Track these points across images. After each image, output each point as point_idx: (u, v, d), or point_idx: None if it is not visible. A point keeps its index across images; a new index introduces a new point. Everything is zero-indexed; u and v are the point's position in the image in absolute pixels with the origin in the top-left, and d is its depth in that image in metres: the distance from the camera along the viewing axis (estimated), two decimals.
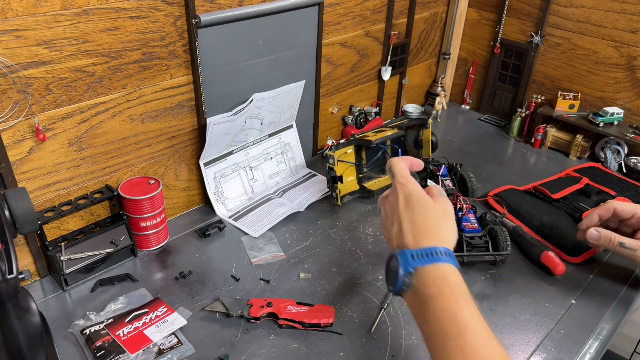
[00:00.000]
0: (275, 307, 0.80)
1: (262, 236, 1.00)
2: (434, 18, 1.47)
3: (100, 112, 0.85)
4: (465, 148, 1.37)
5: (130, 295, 0.84)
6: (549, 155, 1.35)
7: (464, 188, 1.11)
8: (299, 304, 0.81)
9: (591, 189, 1.15)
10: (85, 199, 0.88)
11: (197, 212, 1.07)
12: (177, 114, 0.96)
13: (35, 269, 0.87)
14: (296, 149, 1.21)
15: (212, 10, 0.92)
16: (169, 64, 0.91)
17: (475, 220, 0.95)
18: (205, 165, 1.04)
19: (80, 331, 0.76)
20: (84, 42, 0.79)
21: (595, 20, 1.28)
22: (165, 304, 0.82)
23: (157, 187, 0.92)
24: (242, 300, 0.83)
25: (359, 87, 1.34)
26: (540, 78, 1.43)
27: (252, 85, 1.05)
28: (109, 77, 0.84)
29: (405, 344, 0.78)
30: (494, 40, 1.46)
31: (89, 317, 0.79)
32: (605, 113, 1.28)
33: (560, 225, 1.03)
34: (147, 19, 0.84)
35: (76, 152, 0.85)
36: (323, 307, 0.81)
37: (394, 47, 1.36)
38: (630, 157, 1.28)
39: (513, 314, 0.84)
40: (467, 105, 1.60)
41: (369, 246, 0.99)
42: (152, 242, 0.95)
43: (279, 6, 1.01)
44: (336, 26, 1.18)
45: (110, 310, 0.81)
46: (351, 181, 1.14)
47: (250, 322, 0.80)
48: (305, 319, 0.78)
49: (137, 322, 0.78)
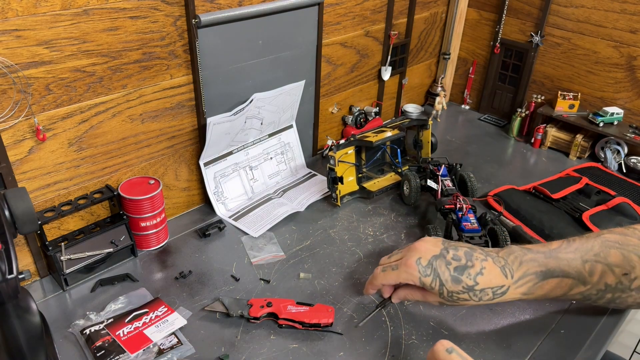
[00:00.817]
0: (275, 307, 0.80)
1: (262, 236, 1.00)
2: (434, 18, 1.47)
3: (100, 112, 0.85)
4: (465, 148, 1.37)
5: (131, 295, 0.84)
6: (549, 155, 1.35)
7: (464, 188, 1.11)
8: (299, 303, 0.81)
9: (591, 188, 1.15)
10: (85, 199, 0.88)
11: (197, 212, 1.07)
12: (177, 114, 0.96)
13: (35, 269, 0.87)
14: (296, 149, 1.21)
15: (212, 10, 0.92)
16: (169, 64, 0.91)
17: (475, 220, 0.95)
18: (205, 165, 1.04)
19: (80, 331, 0.76)
20: (84, 42, 0.79)
21: (595, 20, 1.28)
22: (165, 303, 0.82)
23: (157, 187, 0.92)
24: (242, 300, 0.82)
25: (359, 87, 1.34)
26: (540, 78, 1.43)
27: (252, 85, 1.05)
28: (109, 77, 0.84)
29: (405, 344, 0.78)
30: (494, 40, 1.46)
31: (89, 317, 0.79)
32: (605, 113, 1.28)
33: (560, 225, 1.03)
34: (147, 19, 0.84)
35: (76, 152, 0.85)
36: (323, 307, 0.81)
37: (394, 47, 1.36)
38: (630, 157, 1.28)
39: (513, 313, 0.84)
40: (467, 105, 1.60)
41: (369, 246, 0.99)
42: (152, 242, 0.95)
43: (279, 6, 1.01)
44: (336, 26, 1.18)
45: (111, 310, 0.81)
46: (351, 181, 1.14)
47: (251, 322, 0.80)
48: (305, 318, 0.78)
49: (137, 322, 0.78)
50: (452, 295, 0.73)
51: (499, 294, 0.73)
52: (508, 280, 0.73)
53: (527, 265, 0.74)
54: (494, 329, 0.81)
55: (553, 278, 0.74)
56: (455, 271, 0.72)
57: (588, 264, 0.74)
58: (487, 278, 0.72)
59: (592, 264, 0.74)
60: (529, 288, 0.74)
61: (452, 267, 0.72)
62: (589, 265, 0.74)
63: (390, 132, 1.15)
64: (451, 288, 0.72)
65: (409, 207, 1.11)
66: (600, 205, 1.09)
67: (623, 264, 0.74)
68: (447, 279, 0.72)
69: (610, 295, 0.75)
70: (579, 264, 0.74)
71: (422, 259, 0.73)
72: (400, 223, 1.06)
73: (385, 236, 1.02)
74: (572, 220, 1.06)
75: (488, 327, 0.81)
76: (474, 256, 0.74)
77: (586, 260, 0.74)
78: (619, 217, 1.06)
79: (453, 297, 0.73)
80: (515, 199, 1.12)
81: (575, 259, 0.74)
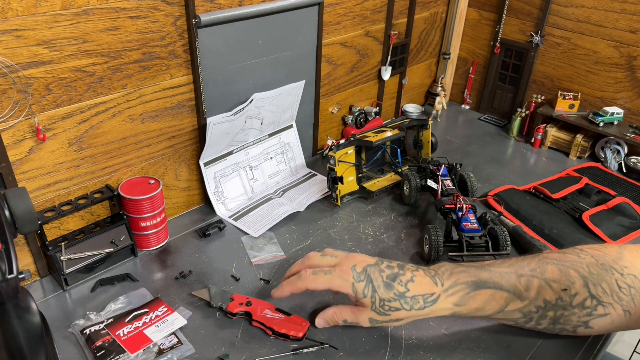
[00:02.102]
0: (253, 307, 0.80)
1: (262, 236, 1.00)
2: (434, 18, 1.47)
3: (100, 112, 0.85)
4: (465, 148, 1.37)
5: (131, 295, 0.84)
6: (549, 155, 1.35)
7: (464, 188, 1.11)
8: (278, 310, 0.80)
9: (591, 188, 1.15)
10: (86, 198, 0.88)
11: (197, 212, 1.07)
12: (177, 114, 0.96)
13: (35, 269, 0.87)
14: (296, 149, 1.21)
15: (212, 10, 0.92)
16: (169, 64, 0.91)
17: (475, 220, 0.95)
18: (205, 165, 1.04)
19: (80, 331, 0.76)
20: (84, 42, 0.79)
21: (595, 20, 1.28)
22: (166, 303, 0.82)
23: (157, 187, 0.92)
24: (228, 293, 0.83)
25: (359, 87, 1.34)
26: (540, 78, 1.43)
27: (252, 85, 1.05)
28: (109, 77, 0.84)
29: (405, 344, 0.78)
30: (494, 40, 1.46)
31: (89, 317, 0.79)
32: (605, 113, 1.28)
33: (560, 225, 1.03)
34: (147, 19, 0.84)
35: (76, 152, 0.85)
36: (299, 319, 0.79)
37: (394, 47, 1.36)
38: (630, 156, 1.28)
39: None
40: (467, 105, 1.60)
41: (369, 246, 0.99)
42: (152, 242, 0.95)
43: (279, 6, 1.01)
44: (336, 26, 1.18)
45: (111, 310, 0.81)
46: (351, 181, 1.14)
47: (227, 316, 0.81)
48: (275, 326, 0.77)
49: (137, 322, 0.78)
50: (384, 305, 0.72)
51: (430, 302, 0.72)
52: (438, 288, 0.72)
53: (457, 276, 0.73)
54: (494, 329, 0.81)
55: (485, 289, 0.72)
56: (387, 278, 0.72)
57: (523, 278, 0.73)
58: (418, 285, 0.72)
59: (527, 278, 0.72)
60: (461, 298, 0.72)
61: (385, 275, 0.73)
62: (524, 279, 0.72)
63: (390, 132, 1.15)
64: (383, 295, 0.71)
65: (409, 207, 1.11)
66: (600, 205, 1.09)
67: (561, 278, 0.71)
68: (379, 285, 0.72)
69: (552, 313, 0.72)
70: (514, 278, 0.73)
71: (357, 266, 0.73)
72: (400, 223, 1.06)
73: (385, 236, 1.02)
74: (572, 220, 1.06)
75: (488, 327, 0.81)
76: (406, 267, 0.75)
77: (521, 274, 0.73)
78: (619, 217, 1.06)
79: (384, 307, 0.72)
80: (515, 199, 1.12)
81: (510, 272, 0.73)
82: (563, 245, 0.98)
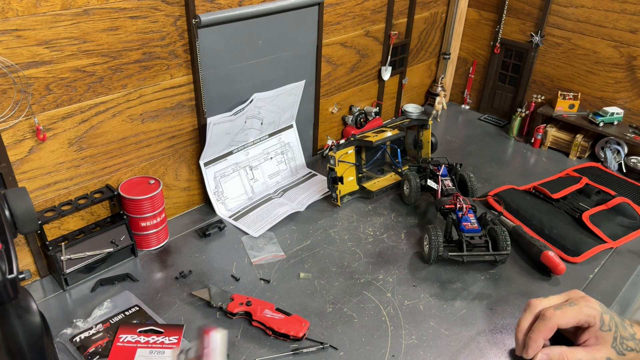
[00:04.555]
0: (253, 307, 0.80)
1: (262, 236, 1.00)
2: (434, 18, 1.47)
3: (101, 112, 0.85)
4: (465, 148, 1.37)
5: (115, 299, 0.83)
6: (549, 155, 1.35)
7: (464, 188, 1.11)
8: (278, 310, 0.80)
9: (591, 188, 1.15)
10: (86, 198, 0.88)
11: (197, 212, 1.07)
12: (177, 114, 0.96)
13: (36, 269, 0.87)
14: (296, 149, 1.21)
15: (212, 10, 0.92)
16: (169, 64, 0.91)
17: (475, 220, 0.95)
18: (206, 165, 1.04)
19: (70, 339, 0.75)
20: (84, 42, 0.79)
21: (595, 20, 1.28)
22: (181, 336, 0.77)
23: (157, 187, 0.92)
24: (229, 293, 0.83)
25: (359, 87, 1.34)
26: (540, 78, 1.43)
27: (252, 85, 1.05)
28: (109, 77, 0.84)
29: (405, 344, 0.78)
30: (494, 40, 1.46)
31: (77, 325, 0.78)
32: (605, 113, 1.28)
33: (560, 225, 1.03)
34: (147, 19, 0.84)
35: (76, 152, 0.85)
36: (299, 319, 0.79)
37: (394, 47, 1.36)
38: (630, 156, 1.28)
39: (513, 313, 0.84)
40: (467, 105, 1.60)
41: (369, 246, 0.99)
42: (152, 242, 0.95)
43: (279, 6, 1.01)
44: (336, 26, 1.18)
45: (97, 316, 0.79)
46: (351, 181, 1.14)
47: (227, 316, 0.81)
48: (275, 326, 0.77)
49: (144, 337, 0.75)
50: (623, 342, 0.70)
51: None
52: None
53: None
54: (493, 329, 0.81)
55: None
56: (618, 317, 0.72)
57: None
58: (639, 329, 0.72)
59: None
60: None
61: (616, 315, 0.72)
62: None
63: (390, 132, 1.15)
64: (622, 332, 0.70)
65: (409, 207, 1.11)
66: (600, 205, 1.09)
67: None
68: (619, 322, 0.71)
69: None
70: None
71: None
72: (400, 223, 1.06)
73: (385, 236, 1.02)
74: (572, 220, 1.06)
75: (488, 327, 0.81)
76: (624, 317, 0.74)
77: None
78: (619, 217, 1.06)
79: (623, 345, 0.70)
80: (515, 199, 1.12)
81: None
82: (563, 245, 0.99)
